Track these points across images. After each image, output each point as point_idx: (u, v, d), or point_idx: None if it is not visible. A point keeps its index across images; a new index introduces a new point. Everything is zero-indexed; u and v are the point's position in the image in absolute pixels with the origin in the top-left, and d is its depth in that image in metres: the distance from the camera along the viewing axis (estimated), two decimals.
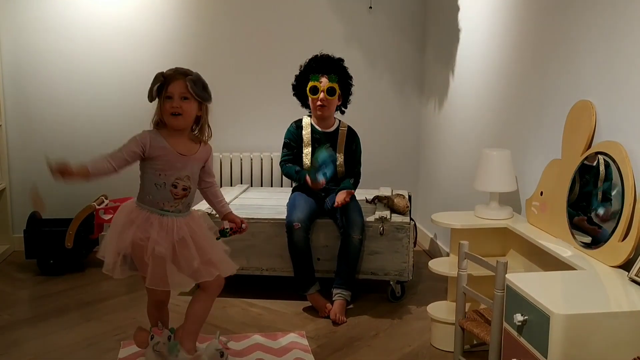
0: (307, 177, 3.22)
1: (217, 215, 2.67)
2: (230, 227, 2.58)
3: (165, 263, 2.33)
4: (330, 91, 3.30)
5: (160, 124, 2.40)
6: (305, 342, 2.86)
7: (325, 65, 3.35)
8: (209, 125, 2.46)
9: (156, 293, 2.44)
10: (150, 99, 2.36)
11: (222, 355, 2.48)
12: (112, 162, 2.29)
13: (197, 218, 2.53)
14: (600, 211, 2.26)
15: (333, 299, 3.19)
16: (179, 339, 2.45)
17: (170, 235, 2.35)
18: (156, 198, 2.38)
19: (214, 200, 2.60)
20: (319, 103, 3.33)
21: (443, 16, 4.06)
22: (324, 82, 3.30)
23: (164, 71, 2.37)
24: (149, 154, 2.35)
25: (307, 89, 3.33)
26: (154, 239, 2.32)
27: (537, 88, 2.81)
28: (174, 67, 2.40)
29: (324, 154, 3.17)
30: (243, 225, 2.60)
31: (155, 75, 2.36)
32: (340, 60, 3.41)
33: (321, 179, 3.16)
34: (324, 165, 3.15)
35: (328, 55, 3.41)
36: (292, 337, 2.91)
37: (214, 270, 2.44)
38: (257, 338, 2.90)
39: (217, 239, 2.56)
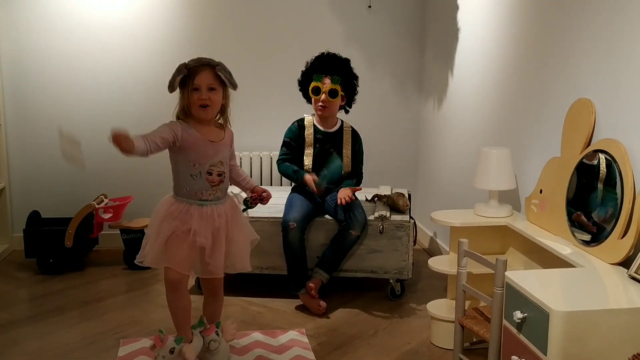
0: (310, 180, 3.23)
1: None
2: (251, 196, 2.61)
3: (203, 253, 2.37)
4: (332, 93, 3.28)
5: (183, 115, 2.40)
6: (305, 339, 2.87)
7: (329, 66, 3.32)
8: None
9: (171, 273, 2.38)
10: (171, 89, 2.34)
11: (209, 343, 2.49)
12: (148, 144, 2.27)
13: (235, 204, 2.55)
14: (600, 209, 2.26)
15: (312, 275, 3.23)
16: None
17: (210, 224, 2.38)
18: (193, 189, 2.39)
19: (239, 179, 2.65)
20: (320, 104, 3.32)
21: (442, 15, 4.06)
22: (327, 84, 3.28)
23: (186, 62, 2.36)
24: (181, 144, 2.35)
25: (310, 89, 3.32)
26: (195, 230, 2.34)
27: (536, 86, 2.81)
28: (195, 57, 2.40)
29: (337, 165, 3.18)
30: (264, 194, 2.62)
31: (177, 66, 2.35)
32: (346, 61, 3.37)
33: (324, 186, 3.20)
34: (333, 175, 3.16)
35: (334, 55, 3.37)
36: (292, 334, 2.91)
37: (220, 270, 2.46)
38: (257, 336, 2.90)
39: (243, 210, 2.61)
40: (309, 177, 3.26)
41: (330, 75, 3.28)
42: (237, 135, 4.35)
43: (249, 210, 2.64)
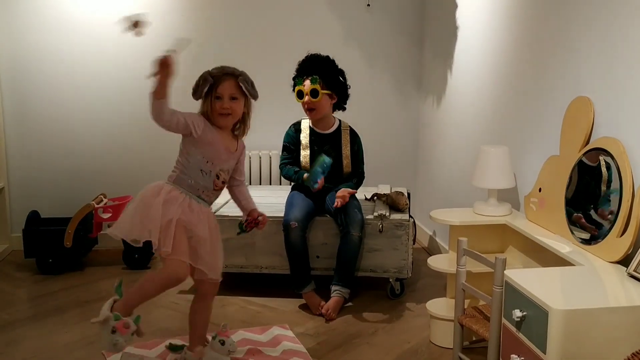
0: (307, 179, 3.22)
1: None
2: (247, 220, 2.59)
3: (204, 245, 2.38)
4: (312, 93, 3.27)
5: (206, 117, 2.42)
6: (291, 333, 2.89)
7: (308, 68, 3.32)
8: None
9: (174, 265, 2.34)
10: (196, 97, 2.38)
11: (222, 344, 2.49)
12: (173, 113, 2.29)
13: (211, 212, 2.56)
14: (599, 207, 2.26)
15: (331, 295, 3.19)
16: (191, 345, 2.50)
17: (204, 221, 2.41)
18: (198, 184, 2.41)
19: (241, 197, 2.62)
20: (305, 107, 3.32)
21: (441, 13, 4.06)
22: (307, 85, 3.28)
23: (210, 70, 2.39)
24: (201, 136, 2.36)
25: (295, 94, 3.33)
26: (194, 221, 2.36)
27: (535, 84, 2.81)
28: (219, 66, 2.42)
29: (321, 161, 3.14)
30: (260, 218, 2.60)
31: (202, 74, 2.37)
32: (324, 59, 3.34)
33: (316, 185, 3.13)
34: (323, 171, 3.14)
35: (313, 55, 3.36)
36: (276, 330, 2.93)
37: (219, 271, 2.49)
38: (243, 334, 2.90)
39: (238, 234, 2.61)
40: (306, 176, 3.26)
41: (309, 77, 3.28)
42: None
43: (243, 234, 2.63)
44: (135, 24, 2.22)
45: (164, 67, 2.19)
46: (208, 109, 2.39)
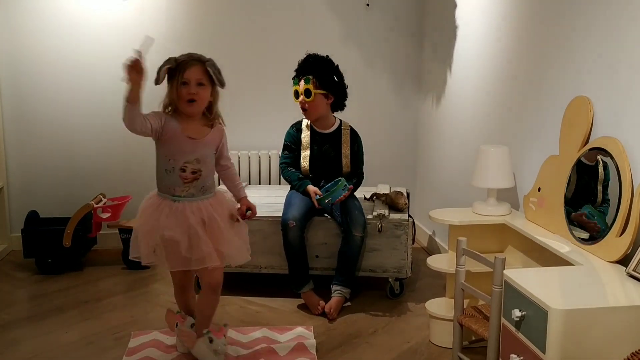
0: (313, 194, 3.23)
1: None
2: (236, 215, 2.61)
3: (179, 246, 2.36)
4: (306, 93, 3.28)
5: (169, 108, 2.39)
6: (310, 335, 2.90)
7: (302, 68, 3.33)
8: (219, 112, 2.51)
9: (177, 276, 2.55)
10: (157, 81, 2.33)
11: (210, 341, 2.51)
12: (144, 119, 2.30)
13: (222, 201, 2.54)
14: (598, 207, 2.26)
15: (332, 295, 3.19)
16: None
17: (181, 220, 2.38)
18: (167, 184, 2.41)
19: (230, 183, 2.64)
20: (300, 107, 3.33)
21: (440, 12, 4.06)
22: (301, 85, 3.29)
23: (176, 56, 2.36)
24: (163, 136, 2.36)
25: (293, 93, 3.35)
26: (162, 224, 2.36)
27: (534, 84, 2.81)
28: (187, 52, 2.40)
29: (339, 190, 3.16)
30: (248, 213, 2.62)
31: (167, 58, 2.34)
32: (320, 59, 3.33)
33: (323, 205, 3.22)
34: (335, 198, 3.16)
35: (310, 55, 3.36)
36: (299, 331, 2.94)
37: (214, 260, 2.45)
38: (264, 332, 2.93)
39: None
40: (312, 190, 3.25)
41: (303, 76, 3.29)
42: (236, 134, 4.41)
43: None
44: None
45: (132, 70, 2.17)
46: (174, 95, 2.36)
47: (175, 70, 2.34)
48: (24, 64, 4.14)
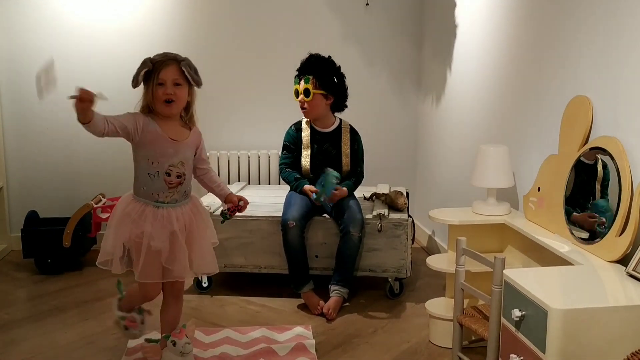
0: (309, 192, 3.25)
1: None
2: (228, 207, 2.54)
3: (160, 257, 2.30)
4: (305, 92, 3.29)
5: (147, 111, 2.33)
6: (309, 334, 2.90)
7: (303, 68, 3.34)
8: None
9: (147, 289, 2.41)
10: (135, 84, 2.28)
11: (174, 344, 2.43)
12: (107, 125, 2.22)
13: (198, 206, 2.48)
14: (597, 206, 2.26)
15: (330, 295, 3.19)
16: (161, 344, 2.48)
17: (165, 227, 2.31)
18: (150, 189, 2.32)
19: (212, 185, 2.56)
20: (300, 105, 3.34)
21: (440, 12, 4.06)
22: (302, 85, 3.30)
23: (152, 57, 2.30)
24: (141, 138, 2.29)
25: (293, 92, 3.36)
26: (148, 233, 2.28)
27: (534, 84, 2.81)
28: (162, 52, 2.34)
29: (331, 181, 3.16)
30: (241, 203, 2.54)
31: (142, 60, 2.28)
32: (320, 59, 3.34)
33: (319, 202, 3.23)
34: (329, 190, 3.16)
35: (312, 55, 3.36)
36: (298, 330, 2.94)
37: (185, 272, 2.39)
38: (263, 331, 2.93)
39: (222, 222, 2.57)
40: (307, 189, 3.27)
41: (304, 76, 3.30)
42: (236, 134, 4.42)
43: (226, 221, 2.60)
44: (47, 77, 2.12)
45: (80, 103, 2.09)
46: (150, 97, 2.29)
47: (151, 71, 2.28)
48: (24, 64, 4.14)
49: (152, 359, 2.47)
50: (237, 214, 2.57)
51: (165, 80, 2.28)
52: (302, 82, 3.29)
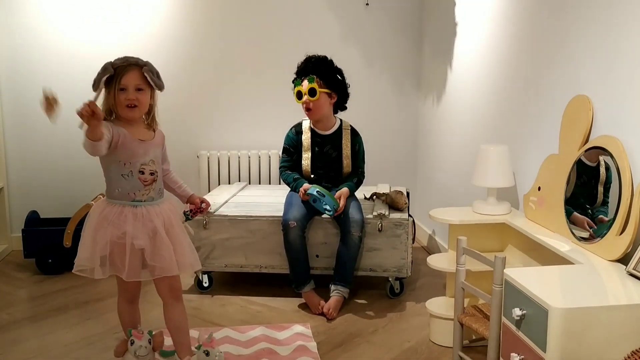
0: (302, 191, 3.23)
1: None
2: (190, 209, 2.57)
3: (144, 253, 2.30)
4: (310, 92, 3.27)
5: (109, 115, 2.31)
6: (309, 332, 2.89)
7: (305, 68, 3.32)
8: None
9: (128, 288, 2.43)
10: (95, 88, 2.26)
11: (207, 354, 2.42)
12: (105, 143, 2.22)
13: (174, 205, 2.48)
14: (598, 205, 2.26)
15: (330, 294, 3.19)
16: (180, 354, 2.44)
17: (146, 225, 2.31)
18: (126, 189, 2.32)
19: (174, 186, 2.57)
20: (304, 107, 3.33)
21: (440, 11, 4.06)
22: (305, 85, 3.28)
23: (112, 61, 2.28)
24: (112, 143, 2.27)
25: (295, 96, 3.33)
26: (130, 233, 2.27)
27: (534, 83, 2.82)
28: (123, 56, 2.31)
29: (331, 199, 3.17)
30: (202, 205, 2.58)
31: (103, 64, 2.27)
32: (321, 59, 3.34)
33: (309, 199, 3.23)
34: (322, 198, 3.17)
35: (311, 56, 3.36)
36: (297, 328, 2.94)
37: (173, 267, 2.37)
38: (262, 330, 2.93)
39: (183, 222, 2.54)
40: (303, 190, 3.24)
41: (307, 77, 3.29)
42: (236, 134, 4.42)
43: (188, 222, 2.58)
44: (49, 103, 2.10)
45: (90, 116, 2.06)
46: (112, 102, 2.28)
47: (112, 75, 2.26)
48: (25, 64, 4.15)
49: None
50: (199, 215, 2.63)
51: (127, 85, 2.27)
52: (306, 82, 3.27)
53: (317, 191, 3.17)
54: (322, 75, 3.29)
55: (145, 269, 2.36)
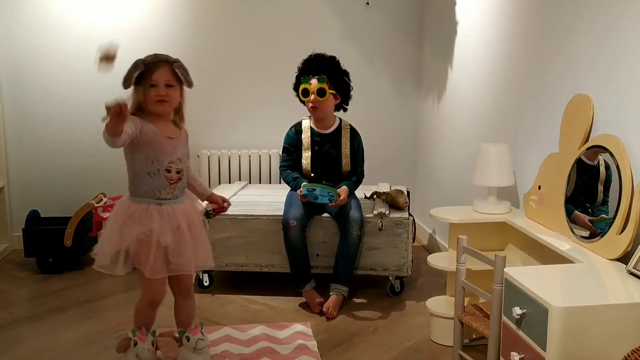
0: (300, 191, 3.23)
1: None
2: (213, 208, 2.60)
3: (167, 252, 2.33)
4: (320, 92, 3.26)
5: (138, 112, 2.33)
6: (309, 331, 2.90)
7: (315, 66, 3.31)
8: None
9: (154, 290, 2.42)
10: (126, 86, 2.29)
11: (188, 340, 2.44)
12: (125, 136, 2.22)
13: (195, 203, 2.52)
14: (598, 204, 2.26)
15: (330, 293, 3.20)
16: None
17: (171, 223, 2.33)
18: (152, 187, 2.34)
19: (195, 184, 2.59)
20: (310, 105, 3.32)
21: (440, 10, 4.06)
22: (314, 84, 3.27)
23: (143, 58, 2.31)
24: (140, 139, 2.29)
25: (300, 92, 3.33)
26: (156, 230, 2.29)
27: (534, 82, 2.82)
28: (152, 53, 2.34)
29: (325, 191, 3.17)
30: (224, 204, 2.62)
31: (134, 62, 2.29)
32: (331, 59, 3.34)
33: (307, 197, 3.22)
34: (320, 193, 3.17)
35: (319, 54, 3.36)
36: (297, 327, 2.95)
37: (191, 265, 2.42)
38: (262, 328, 2.93)
39: (203, 220, 2.57)
40: (299, 193, 3.25)
41: (316, 75, 3.28)
42: (236, 133, 4.42)
43: (209, 220, 2.62)
44: (107, 57, 2.15)
45: (116, 115, 2.06)
46: (142, 98, 2.30)
47: (142, 72, 2.28)
48: (25, 64, 4.15)
49: (168, 354, 2.48)
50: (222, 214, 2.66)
51: (157, 81, 2.29)
52: (316, 81, 3.26)
53: (307, 189, 3.17)
54: (332, 75, 3.29)
55: (167, 266, 2.38)
